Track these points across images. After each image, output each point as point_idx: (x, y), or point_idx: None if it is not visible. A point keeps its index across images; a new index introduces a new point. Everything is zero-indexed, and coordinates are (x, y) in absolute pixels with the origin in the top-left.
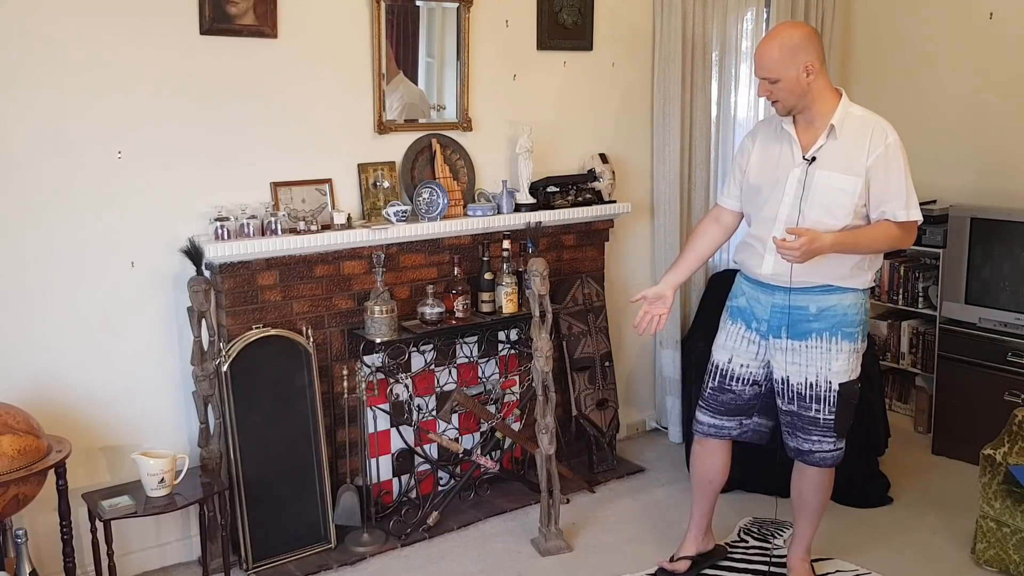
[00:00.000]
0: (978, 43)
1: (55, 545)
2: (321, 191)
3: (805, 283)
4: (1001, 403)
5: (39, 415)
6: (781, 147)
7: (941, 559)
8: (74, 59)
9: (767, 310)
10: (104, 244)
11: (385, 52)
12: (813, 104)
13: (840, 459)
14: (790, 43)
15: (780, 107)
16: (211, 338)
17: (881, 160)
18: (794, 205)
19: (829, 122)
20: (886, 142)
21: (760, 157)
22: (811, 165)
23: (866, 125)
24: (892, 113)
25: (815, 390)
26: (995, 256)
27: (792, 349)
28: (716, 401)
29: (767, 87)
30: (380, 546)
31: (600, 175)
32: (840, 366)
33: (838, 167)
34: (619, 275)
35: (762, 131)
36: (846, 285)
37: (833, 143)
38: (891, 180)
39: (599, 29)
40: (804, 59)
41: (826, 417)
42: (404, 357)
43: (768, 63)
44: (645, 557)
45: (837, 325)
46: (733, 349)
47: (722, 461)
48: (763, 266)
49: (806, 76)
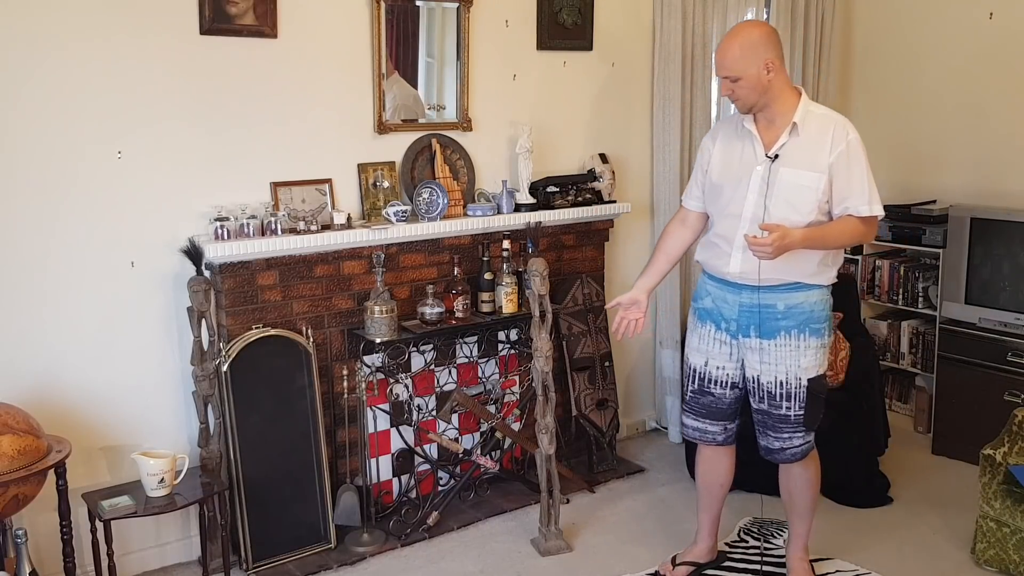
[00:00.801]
0: (978, 43)
1: (55, 545)
2: (321, 191)
3: (773, 281)
4: (1001, 403)
5: (39, 415)
6: (743, 145)
7: (941, 559)
8: (74, 59)
9: (735, 309)
10: (104, 244)
11: (385, 52)
12: (773, 102)
13: (810, 451)
14: (750, 41)
15: (741, 105)
16: (211, 338)
17: (843, 157)
18: (758, 203)
19: (791, 120)
20: (847, 139)
21: (722, 156)
22: (774, 163)
23: (827, 123)
24: (892, 113)
25: (785, 388)
26: (995, 256)
27: (761, 348)
28: (698, 404)
29: (728, 86)
30: (380, 546)
31: (600, 175)
32: (808, 362)
33: (802, 164)
34: (619, 275)
35: (723, 130)
36: (813, 282)
37: (795, 140)
38: (853, 176)
39: (599, 29)
40: (764, 57)
41: (796, 413)
42: (404, 357)
43: (729, 62)
44: (645, 557)
45: (805, 322)
46: (707, 352)
47: (729, 462)
48: (730, 265)
49: (767, 74)
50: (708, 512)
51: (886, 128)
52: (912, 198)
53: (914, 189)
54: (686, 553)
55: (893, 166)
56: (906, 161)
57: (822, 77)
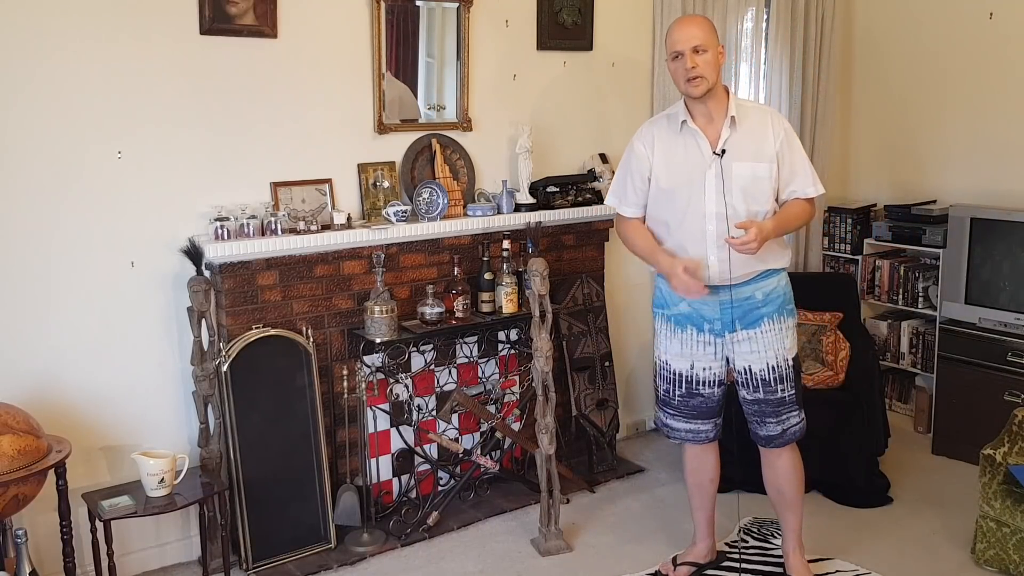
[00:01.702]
0: (978, 43)
1: (55, 545)
2: (321, 191)
3: (748, 275)
4: (1001, 403)
5: (39, 415)
6: (686, 145)
7: (941, 559)
8: (74, 59)
9: (716, 309)
10: (104, 244)
11: (385, 52)
12: (716, 93)
13: (805, 427)
14: (707, 22)
15: (702, 84)
16: (211, 338)
17: (785, 144)
18: (718, 200)
19: (727, 115)
20: (784, 126)
21: (666, 160)
22: (724, 158)
23: (763, 113)
24: (892, 113)
25: (777, 371)
26: (995, 256)
27: (748, 338)
28: (687, 407)
29: (693, 59)
30: (380, 546)
31: (600, 175)
32: (790, 341)
33: (750, 156)
34: (619, 275)
35: (658, 134)
36: (778, 266)
37: (736, 134)
38: (796, 161)
39: (599, 29)
40: (717, 39)
41: (789, 393)
42: (404, 357)
43: (698, 32)
44: (645, 557)
45: (781, 305)
46: (692, 356)
47: (715, 457)
48: (709, 270)
49: (721, 57)
50: (702, 511)
51: (886, 128)
52: (912, 198)
53: (914, 189)
54: (686, 554)
55: (893, 166)
56: (906, 161)
57: (822, 77)
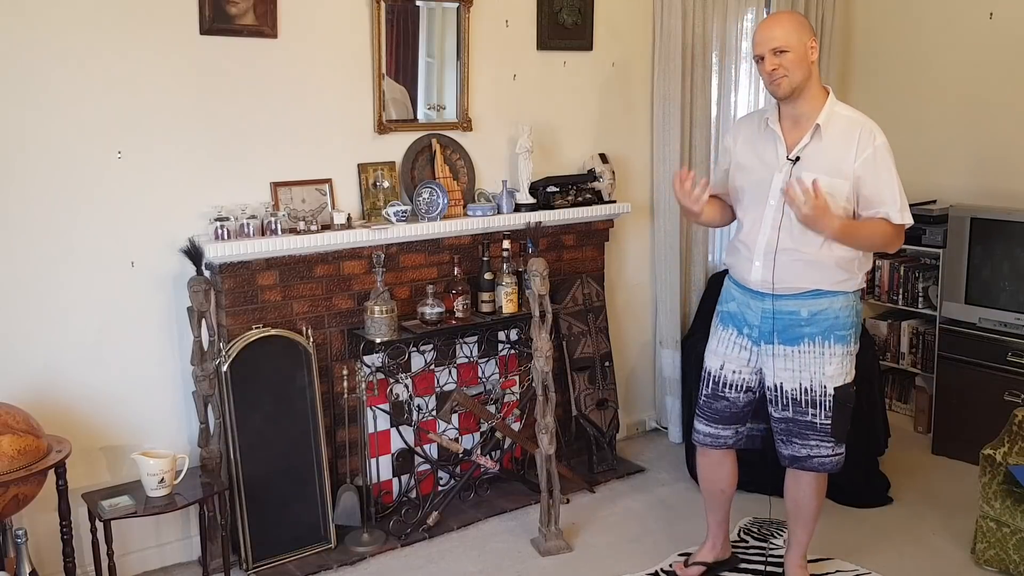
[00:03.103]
0: (978, 43)
1: (55, 545)
2: (321, 191)
3: (793, 289)
4: (1001, 403)
5: (39, 415)
6: (765, 146)
7: (941, 559)
8: (74, 59)
9: (758, 316)
10: (104, 244)
11: (385, 52)
12: (805, 94)
13: (841, 464)
14: (797, 19)
15: (786, 84)
16: (211, 338)
17: (870, 163)
18: (779, 207)
19: (815, 121)
20: (874, 144)
21: (744, 157)
22: (795, 165)
23: (853, 126)
24: (892, 113)
25: (810, 395)
26: (995, 256)
27: (784, 355)
28: (711, 409)
29: (774, 61)
30: (380, 546)
31: (600, 175)
32: (834, 370)
33: (823, 168)
34: (619, 275)
35: (744, 130)
36: (835, 288)
37: (818, 143)
38: (882, 183)
39: (599, 29)
40: (810, 35)
41: (823, 422)
42: (404, 357)
43: (779, 32)
44: (645, 557)
45: (829, 329)
46: (725, 355)
47: (730, 469)
48: (752, 272)
49: (812, 53)
50: (714, 514)
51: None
52: (912, 198)
53: (914, 189)
54: (699, 553)
55: None
56: (906, 161)
57: (822, 77)
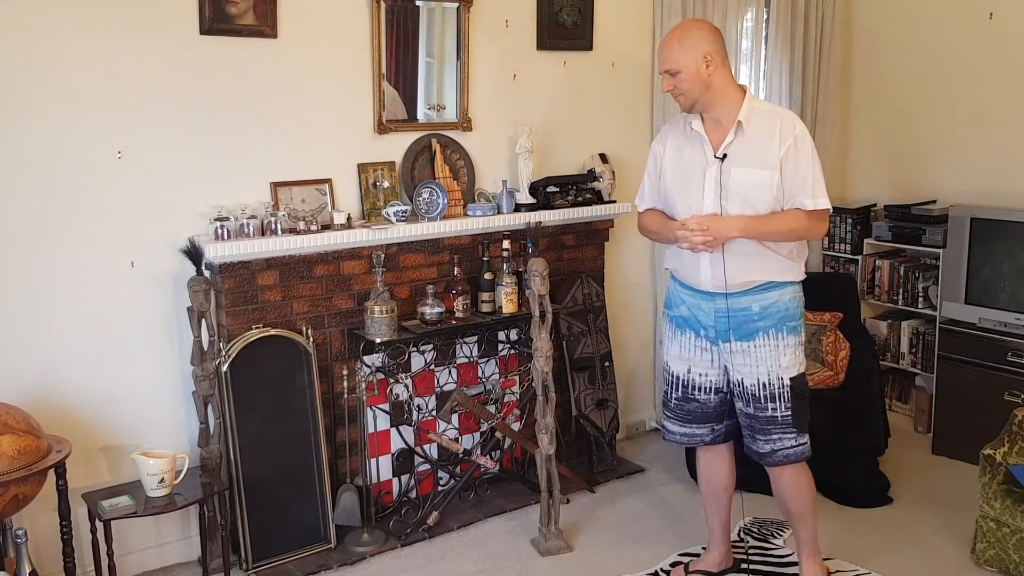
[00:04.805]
0: (978, 43)
1: (55, 545)
2: (321, 191)
3: (745, 285)
4: (1001, 403)
5: (39, 415)
6: (692, 148)
7: (941, 559)
8: (74, 59)
9: (711, 316)
10: (104, 244)
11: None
12: (717, 100)
13: (807, 454)
14: (688, 35)
15: (684, 101)
16: (211, 338)
17: (791, 151)
18: (715, 205)
19: (736, 119)
20: (794, 133)
21: (673, 161)
22: (724, 162)
23: (773, 118)
24: (892, 113)
25: (769, 389)
26: (995, 256)
27: (743, 351)
28: (683, 411)
29: (669, 81)
30: (380, 546)
31: (600, 175)
32: (788, 360)
33: (751, 162)
34: (619, 275)
35: (671, 134)
36: (781, 279)
37: (742, 139)
38: (799, 170)
39: (599, 29)
40: (703, 50)
41: (783, 414)
42: (404, 357)
43: (668, 54)
44: (645, 557)
45: (782, 321)
46: (689, 359)
47: (729, 462)
48: (701, 273)
49: (706, 68)
50: (716, 518)
51: (886, 128)
52: (912, 198)
53: (914, 189)
54: (699, 562)
55: (893, 166)
56: (906, 161)
57: (822, 77)
